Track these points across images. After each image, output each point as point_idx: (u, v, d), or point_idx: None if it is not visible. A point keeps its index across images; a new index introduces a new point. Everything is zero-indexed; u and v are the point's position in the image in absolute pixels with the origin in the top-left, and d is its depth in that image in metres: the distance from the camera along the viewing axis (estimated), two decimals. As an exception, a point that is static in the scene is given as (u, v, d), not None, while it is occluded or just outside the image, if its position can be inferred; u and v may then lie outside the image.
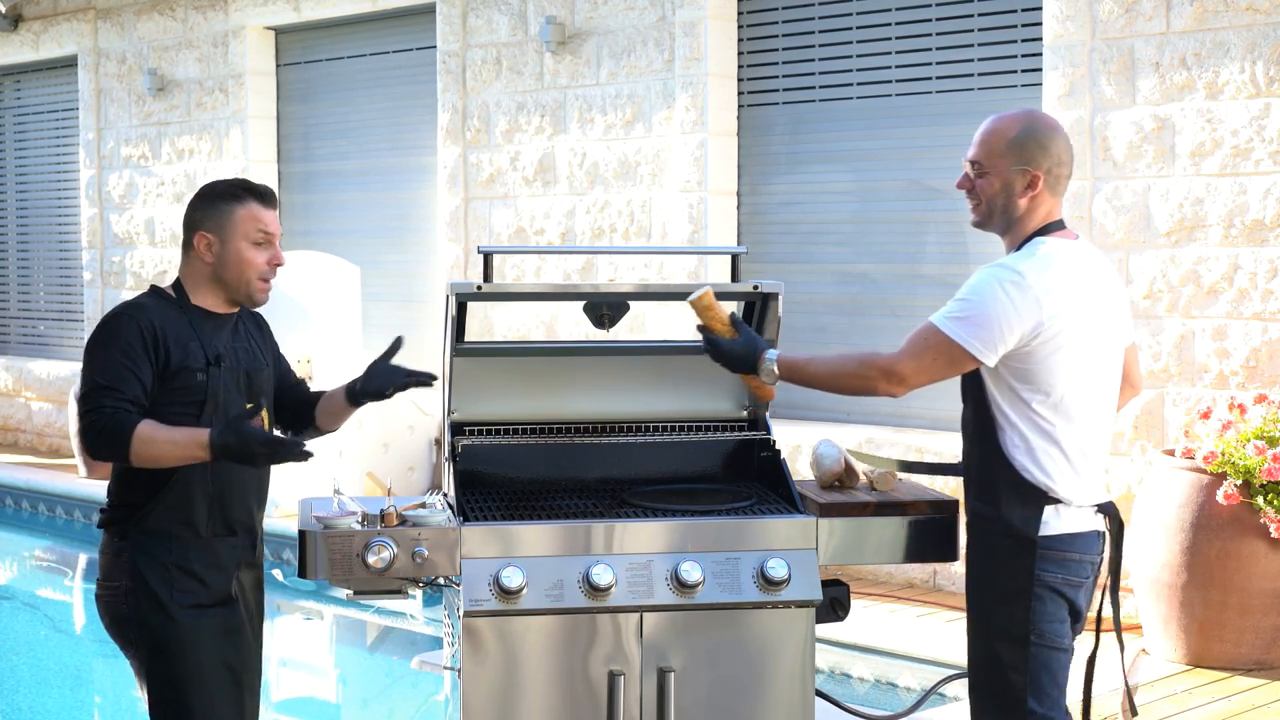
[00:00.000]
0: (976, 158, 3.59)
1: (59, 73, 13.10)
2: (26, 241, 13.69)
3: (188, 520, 3.66)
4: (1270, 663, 6.09)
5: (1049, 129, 3.57)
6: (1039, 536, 3.47)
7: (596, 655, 3.78)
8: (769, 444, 4.31)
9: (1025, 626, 3.47)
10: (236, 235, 3.69)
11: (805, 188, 8.58)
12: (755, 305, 4.32)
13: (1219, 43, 6.76)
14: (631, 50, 8.95)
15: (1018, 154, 3.53)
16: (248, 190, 3.73)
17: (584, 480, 4.29)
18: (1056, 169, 3.55)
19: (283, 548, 8.46)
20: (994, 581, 3.53)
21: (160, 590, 3.63)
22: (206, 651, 3.67)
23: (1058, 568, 3.48)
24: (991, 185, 3.57)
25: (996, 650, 3.52)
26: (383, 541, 3.67)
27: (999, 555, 3.52)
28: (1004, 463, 3.51)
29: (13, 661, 7.79)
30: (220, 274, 3.71)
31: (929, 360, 3.50)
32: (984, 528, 3.56)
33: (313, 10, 10.86)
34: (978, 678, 3.59)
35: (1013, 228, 3.59)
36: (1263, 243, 6.68)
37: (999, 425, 3.52)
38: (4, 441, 13.23)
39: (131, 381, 3.55)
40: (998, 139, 3.56)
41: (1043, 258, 3.48)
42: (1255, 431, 6.04)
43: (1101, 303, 3.55)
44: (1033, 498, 3.48)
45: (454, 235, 9.86)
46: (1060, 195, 3.60)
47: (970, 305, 3.46)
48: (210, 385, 3.65)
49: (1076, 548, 3.51)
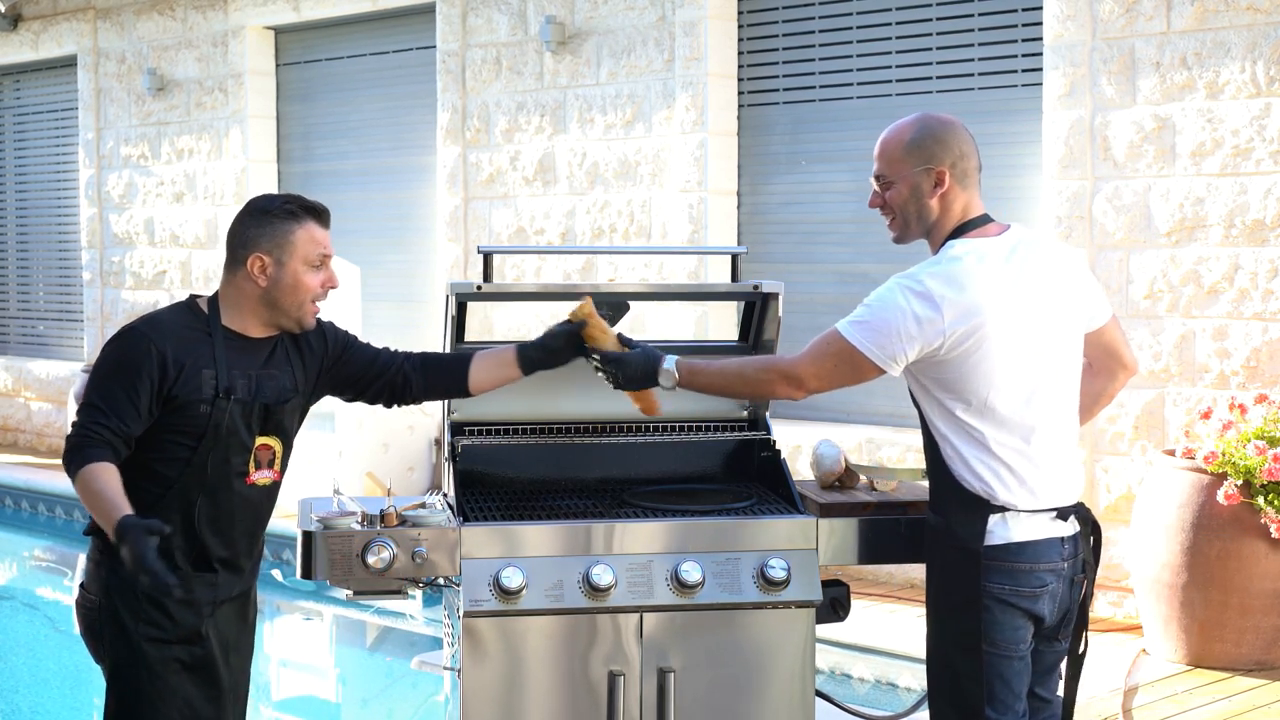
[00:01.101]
0: (879, 171, 3.53)
1: (58, 72, 13.10)
2: (26, 241, 13.69)
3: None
4: (1271, 663, 6.08)
5: (944, 125, 3.51)
6: (984, 547, 3.40)
7: (596, 655, 3.78)
8: (769, 444, 4.31)
9: (976, 637, 3.41)
10: (295, 258, 3.50)
11: (805, 188, 8.57)
12: (755, 305, 4.31)
13: (1219, 42, 6.76)
14: (631, 50, 8.95)
15: (917, 155, 3.47)
16: (306, 210, 3.55)
17: (584, 480, 4.29)
18: (961, 162, 3.47)
19: (283, 548, 8.45)
20: (946, 592, 3.49)
21: (125, 617, 3.48)
22: (168, 689, 3.51)
23: (1005, 578, 3.40)
24: (900, 193, 3.50)
25: (951, 659, 3.48)
26: (383, 542, 3.66)
27: (949, 567, 3.48)
28: (946, 473, 3.46)
29: (12, 662, 7.79)
30: (273, 296, 3.51)
31: (830, 365, 3.46)
32: (936, 539, 3.53)
33: (312, 10, 10.86)
34: (937, 686, 3.56)
35: (932, 232, 3.51)
36: (1263, 243, 6.67)
37: (935, 437, 3.48)
38: (3, 441, 13.23)
39: (126, 412, 3.37)
40: (894, 146, 3.50)
41: (948, 263, 3.38)
42: (1256, 431, 6.03)
43: (1037, 294, 3.42)
44: (975, 507, 3.41)
45: (454, 235, 9.86)
46: (973, 189, 3.50)
47: (872, 312, 3.39)
48: (214, 418, 3.46)
49: (1026, 557, 3.41)
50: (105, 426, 3.36)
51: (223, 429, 3.48)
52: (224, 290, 3.57)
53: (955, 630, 3.46)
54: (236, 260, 3.53)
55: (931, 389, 3.44)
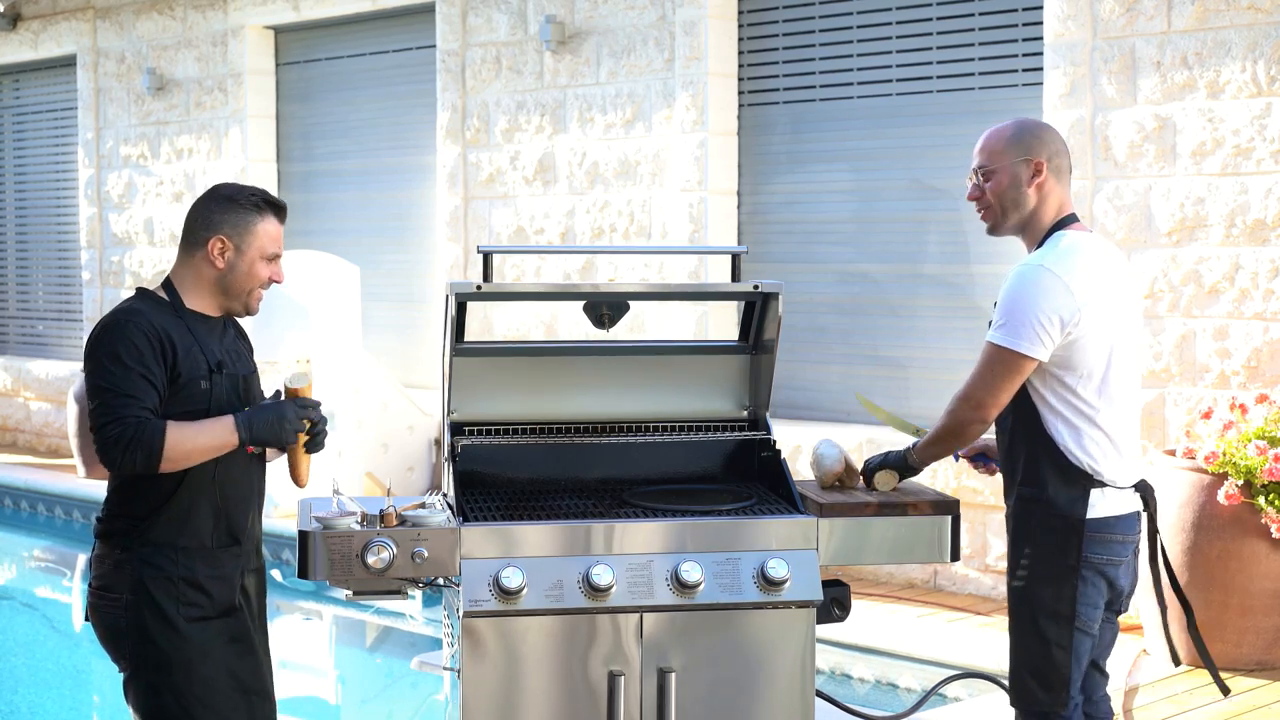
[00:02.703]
0: (981, 163, 3.79)
1: (58, 72, 13.09)
2: (25, 241, 13.69)
3: (193, 531, 3.60)
4: (1271, 663, 6.08)
5: (1042, 125, 3.82)
6: (1086, 519, 3.64)
7: (596, 655, 3.77)
8: (769, 444, 4.30)
9: (1071, 605, 3.65)
10: (254, 248, 3.64)
11: (805, 188, 8.57)
12: (755, 305, 4.31)
13: (1220, 42, 6.75)
14: (631, 49, 8.94)
15: (1017, 147, 3.73)
16: (269, 204, 3.68)
17: (584, 480, 4.28)
18: (1056, 158, 3.74)
19: (282, 548, 8.45)
20: (1041, 562, 3.69)
21: (166, 604, 3.58)
22: (213, 663, 3.64)
23: (1102, 549, 3.66)
24: (1000, 183, 3.74)
25: (1042, 628, 3.68)
26: (382, 542, 3.65)
27: (1047, 537, 3.68)
28: (1050, 448, 3.67)
29: (11, 662, 7.78)
30: (227, 281, 3.65)
31: (991, 374, 3.65)
32: (1030, 511, 3.71)
33: (312, 9, 10.85)
34: (1021, 659, 3.75)
35: (1029, 224, 3.76)
36: (1264, 242, 6.67)
37: (1042, 413, 3.68)
38: (3, 441, 13.22)
39: (149, 390, 3.49)
40: (996, 139, 3.77)
41: (1066, 249, 3.66)
42: (1257, 431, 6.03)
43: (1122, 292, 3.73)
44: (1078, 481, 3.65)
45: (454, 235, 9.85)
46: (1066, 186, 3.77)
47: (1009, 312, 3.63)
48: (213, 393, 3.60)
49: (1120, 529, 3.69)
50: (140, 406, 3.47)
51: (223, 403, 3.62)
52: (180, 272, 3.70)
53: (1050, 599, 3.67)
54: (197, 241, 3.66)
55: (1049, 365, 3.65)
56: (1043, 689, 3.71)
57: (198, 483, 3.59)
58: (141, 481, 3.55)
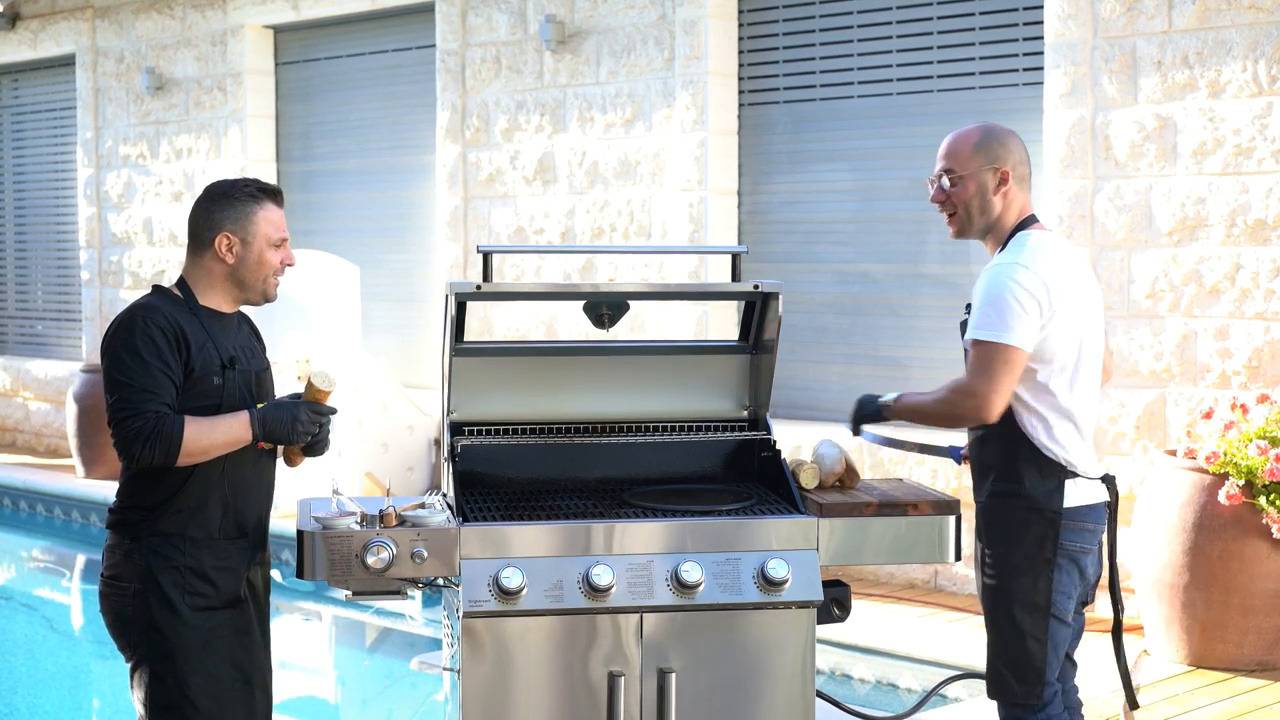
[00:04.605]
0: (947, 166, 3.85)
1: (57, 71, 13.08)
2: (24, 241, 13.68)
3: (201, 522, 3.65)
4: (1273, 663, 6.07)
5: (1005, 131, 3.88)
6: (1062, 509, 3.72)
7: (596, 656, 3.77)
8: (769, 444, 4.30)
9: (1047, 596, 3.72)
10: (259, 236, 3.69)
11: (806, 187, 8.56)
12: (755, 305, 4.30)
13: (1221, 41, 6.75)
14: (631, 49, 8.93)
15: (985, 155, 3.81)
16: (264, 191, 3.74)
17: (584, 480, 4.28)
18: (1020, 166, 3.83)
19: (282, 548, 8.43)
20: (1016, 555, 3.74)
21: (173, 593, 3.63)
22: (217, 654, 3.68)
23: (1076, 536, 3.75)
24: (967, 189, 3.82)
25: (1019, 620, 3.73)
26: (382, 542, 3.65)
27: (1025, 531, 3.73)
28: (1025, 443, 3.73)
29: (10, 662, 7.78)
30: (239, 274, 3.71)
31: (989, 366, 3.66)
32: (1005, 506, 3.76)
33: (312, 9, 10.84)
34: (997, 651, 3.79)
35: (993, 228, 3.84)
36: (1265, 242, 6.66)
37: (1015, 409, 3.73)
38: (2, 441, 13.22)
39: (166, 385, 3.56)
40: (963, 145, 3.84)
41: (1034, 247, 3.75)
42: (1258, 432, 6.02)
43: (1085, 287, 3.82)
44: (1054, 473, 3.73)
45: (453, 235, 9.85)
46: (1028, 190, 3.86)
47: (991, 309, 3.67)
48: (226, 389, 3.66)
49: (1091, 519, 3.78)
50: (159, 401, 3.53)
51: (235, 398, 3.67)
52: (191, 273, 3.75)
53: (1026, 590, 3.73)
54: (203, 242, 3.72)
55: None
56: (1018, 681, 3.76)
57: (208, 475, 3.64)
58: (153, 473, 3.60)
